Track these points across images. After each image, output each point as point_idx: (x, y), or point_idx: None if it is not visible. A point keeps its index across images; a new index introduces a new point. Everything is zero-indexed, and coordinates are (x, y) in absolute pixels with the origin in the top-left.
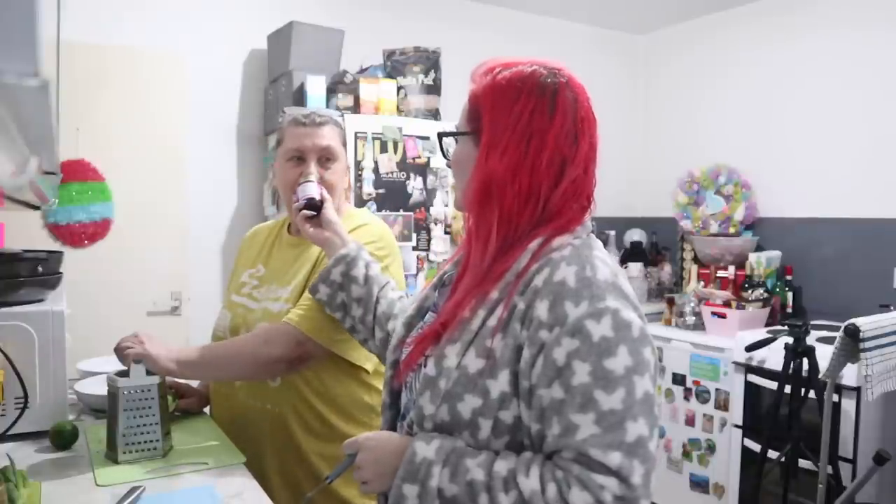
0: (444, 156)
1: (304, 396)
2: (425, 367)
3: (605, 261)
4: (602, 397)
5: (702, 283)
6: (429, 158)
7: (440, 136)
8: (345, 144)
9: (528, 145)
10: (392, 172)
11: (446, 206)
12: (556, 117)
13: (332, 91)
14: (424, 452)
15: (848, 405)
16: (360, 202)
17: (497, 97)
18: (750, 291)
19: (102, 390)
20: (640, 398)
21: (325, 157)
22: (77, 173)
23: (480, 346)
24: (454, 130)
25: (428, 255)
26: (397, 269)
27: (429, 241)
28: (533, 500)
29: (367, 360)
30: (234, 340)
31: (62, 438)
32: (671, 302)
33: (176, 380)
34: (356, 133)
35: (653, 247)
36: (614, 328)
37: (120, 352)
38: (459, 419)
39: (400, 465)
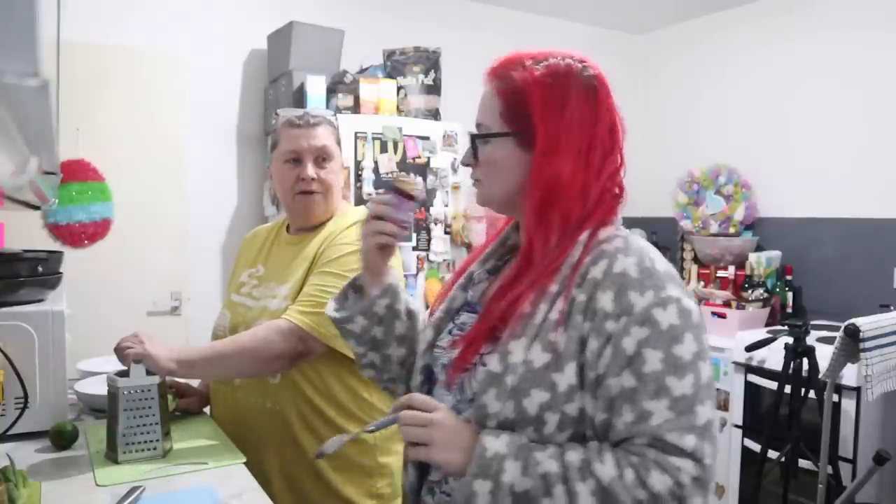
0: (474, 157)
1: (304, 393)
2: (484, 365)
3: (656, 251)
4: (674, 383)
5: (702, 283)
6: (429, 158)
7: (475, 138)
8: (339, 143)
9: (582, 143)
10: (392, 172)
11: (446, 206)
12: (599, 112)
13: (332, 91)
14: (495, 447)
15: (848, 405)
16: (360, 202)
17: (546, 96)
18: (750, 291)
19: (102, 390)
20: (705, 382)
21: (322, 157)
22: (77, 173)
23: (545, 339)
24: (492, 132)
25: (428, 255)
26: (397, 264)
27: (429, 241)
28: (612, 487)
29: None
30: (235, 338)
31: (62, 438)
32: None
33: (176, 379)
34: (356, 133)
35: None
36: (679, 316)
37: (120, 352)
38: (525, 415)
39: (470, 462)
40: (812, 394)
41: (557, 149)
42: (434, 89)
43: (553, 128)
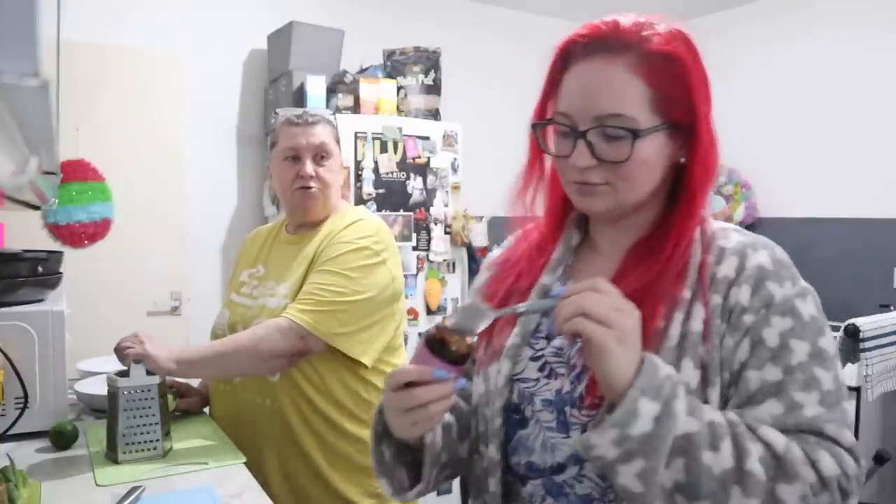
0: (595, 156)
1: (303, 391)
2: None
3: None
4: (823, 376)
5: None
6: (429, 158)
7: (637, 135)
8: (338, 142)
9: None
10: (392, 172)
11: (446, 206)
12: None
13: (332, 91)
14: (668, 369)
15: (848, 405)
16: (360, 202)
17: (700, 71)
18: None
19: (102, 390)
20: (842, 378)
21: (320, 155)
22: (77, 173)
23: (694, 355)
24: (649, 127)
25: (428, 255)
26: (395, 265)
27: (429, 241)
28: (787, 456)
29: (365, 355)
30: (234, 337)
31: (62, 438)
32: None
33: (176, 379)
34: (356, 133)
35: None
36: (817, 308)
37: (120, 352)
38: None
39: (639, 371)
40: None
41: (711, 133)
42: (434, 89)
43: (708, 109)
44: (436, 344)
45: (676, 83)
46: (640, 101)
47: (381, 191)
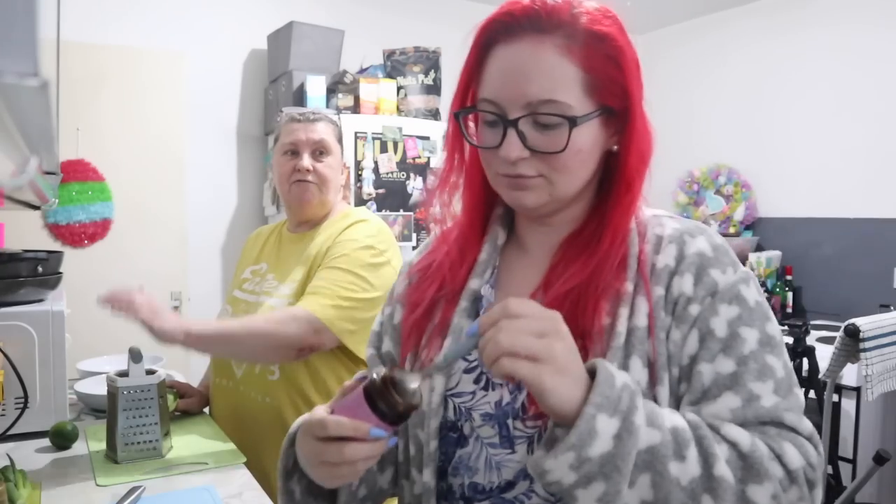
0: (525, 146)
1: (302, 390)
2: None
3: None
4: (774, 363)
5: None
6: (429, 158)
7: (574, 122)
8: (340, 142)
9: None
10: (392, 172)
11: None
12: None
13: (332, 91)
14: (624, 378)
15: (848, 405)
16: (360, 202)
17: (632, 50)
18: None
19: (102, 390)
20: (790, 364)
21: (319, 151)
22: (77, 173)
23: (641, 351)
24: (584, 113)
25: None
26: (398, 266)
27: None
28: (753, 454)
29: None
30: (250, 318)
31: (62, 438)
32: None
33: (176, 379)
34: (356, 133)
35: None
36: (759, 292)
37: (119, 300)
38: None
39: (594, 387)
40: (812, 394)
41: (645, 118)
42: (434, 89)
43: (641, 93)
44: (376, 395)
45: (610, 65)
46: (574, 85)
47: (381, 191)
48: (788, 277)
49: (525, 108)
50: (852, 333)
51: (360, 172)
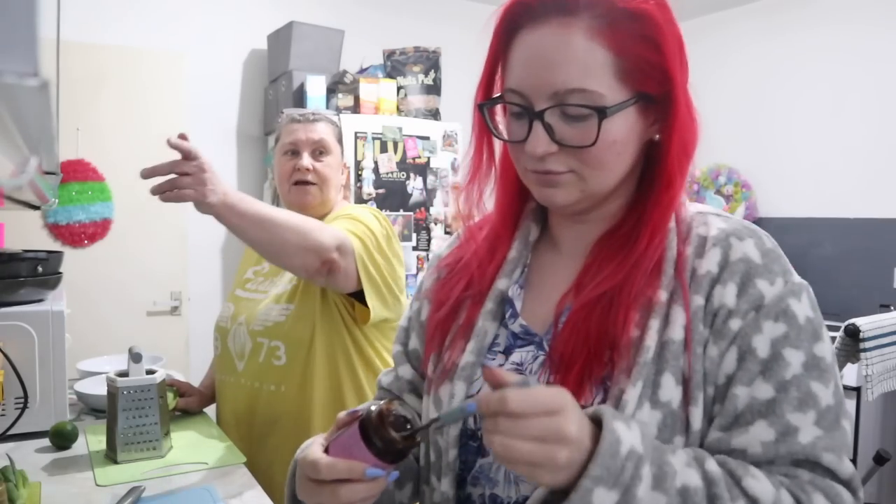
0: (551, 141)
1: (308, 378)
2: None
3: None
4: (820, 391)
5: None
6: (429, 158)
7: (604, 113)
8: (340, 142)
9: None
10: (392, 172)
11: (446, 205)
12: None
13: (332, 91)
14: (631, 440)
15: (848, 405)
16: (360, 202)
17: (676, 31)
18: None
19: (102, 390)
20: (841, 390)
21: (319, 150)
22: (77, 173)
23: (675, 367)
24: (618, 102)
25: (428, 255)
26: (400, 263)
27: (429, 241)
28: None
29: (373, 309)
30: (290, 212)
31: (62, 438)
32: None
33: (176, 378)
34: (356, 133)
35: None
36: (812, 307)
37: (176, 183)
38: None
39: (594, 457)
40: None
41: (689, 105)
42: (434, 89)
43: (685, 77)
44: (372, 431)
45: (647, 47)
46: (605, 71)
47: (381, 191)
48: None
49: (551, 98)
50: (852, 333)
51: (360, 172)
